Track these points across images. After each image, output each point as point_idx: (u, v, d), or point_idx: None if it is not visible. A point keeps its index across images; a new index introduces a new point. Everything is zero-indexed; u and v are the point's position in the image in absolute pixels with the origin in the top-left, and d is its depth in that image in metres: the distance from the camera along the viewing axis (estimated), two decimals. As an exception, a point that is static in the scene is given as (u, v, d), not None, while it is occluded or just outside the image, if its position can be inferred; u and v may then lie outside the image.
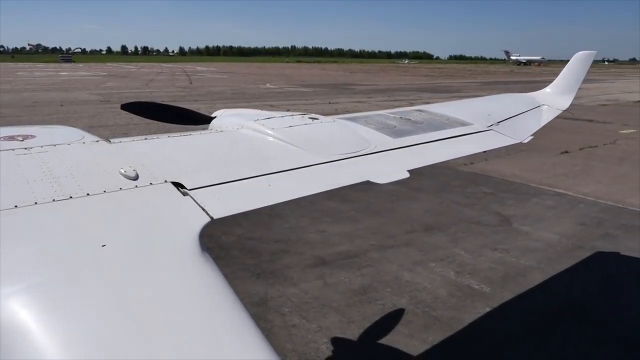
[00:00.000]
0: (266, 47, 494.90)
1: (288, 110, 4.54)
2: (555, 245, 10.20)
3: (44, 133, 3.17)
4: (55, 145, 2.85)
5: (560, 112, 6.19)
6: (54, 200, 2.25)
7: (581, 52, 6.66)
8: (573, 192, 14.18)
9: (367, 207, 12.30)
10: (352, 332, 6.84)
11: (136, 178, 2.56)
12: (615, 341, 6.84)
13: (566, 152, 19.72)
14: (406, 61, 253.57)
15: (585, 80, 6.65)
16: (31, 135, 3.02)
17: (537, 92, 6.68)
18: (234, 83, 61.78)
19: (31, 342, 1.50)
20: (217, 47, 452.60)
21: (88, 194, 2.35)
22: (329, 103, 37.17)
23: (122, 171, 2.58)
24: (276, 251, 9.55)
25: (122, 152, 2.95)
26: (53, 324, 1.56)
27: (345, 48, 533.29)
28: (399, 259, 9.34)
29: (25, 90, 44.31)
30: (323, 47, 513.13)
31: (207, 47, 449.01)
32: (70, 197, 2.30)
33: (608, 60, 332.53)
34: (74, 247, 1.95)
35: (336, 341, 6.63)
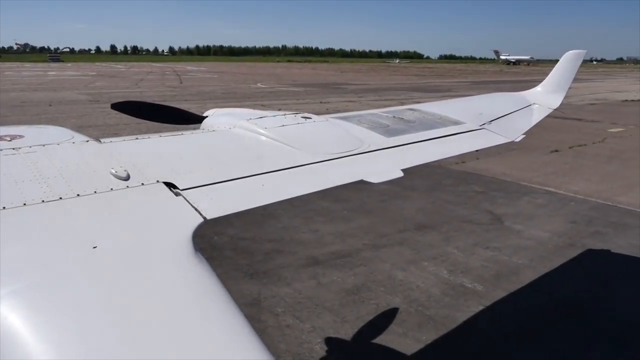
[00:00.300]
0: (257, 46, 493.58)
1: (280, 110, 4.52)
2: (546, 243, 10.25)
3: (32, 133, 3.14)
4: (44, 145, 2.83)
5: (551, 111, 6.21)
6: (43, 201, 2.22)
7: (571, 51, 6.68)
8: (563, 190, 14.26)
9: (359, 206, 12.30)
10: (346, 332, 6.83)
11: (127, 178, 2.54)
12: (607, 338, 6.88)
13: (556, 150, 19.83)
14: (397, 61, 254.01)
15: (573, 80, 6.68)
16: (19, 135, 2.98)
17: (528, 91, 6.70)
18: (224, 83, 61.64)
19: (21, 345, 1.48)
20: (208, 46, 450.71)
21: (78, 195, 2.32)
22: (320, 102, 37.17)
23: (113, 171, 2.56)
24: (269, 251, 9.52)
25: (113, 152, 2.92)
26: (43, 327, 1.54)
27: (336, 47, 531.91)
28: (392, 258, 9.35)
29: (13, 90, 43.95)
30: (314, 47, 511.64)
31: (197, 47, 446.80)
32: (60, 198, 2.27)
33: (596, 60, 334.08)
34: (64, 248, 1.93)
35: (330, 341, 6.62)
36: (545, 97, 6.42)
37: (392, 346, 6.51)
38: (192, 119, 4.61)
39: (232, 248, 9.60)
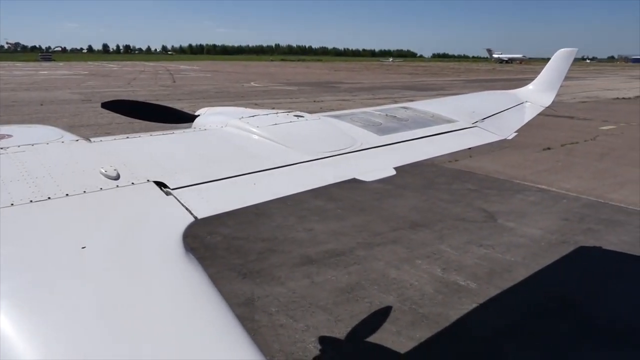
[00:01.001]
0: (250, 45, 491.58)
1: (273, 109, 4.51)
2: (539, 240, 10.29)
3: (21, 132, 3.13)
4: (33, 145, 2.81)
5: (543, 108, 6.24)
6: (31, 201, 2.20)
7: (563, 49, 6.71)
8: (556, 187, 14.32)
9: (353, 205, 12.30)
10: (340, 331, 6.83)
11: (117, 178, 2.52)
12: (599, 334, 6.91)
13: (548, 148, 19.90)
14: (390, 59, 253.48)
15: (565, 78, 6.70)
16: (8, 135, 2.97)
17: (520, 89, 6.73)
18: (217, 82, 61.44)
19: (10, 346, 1.46)
20: (201, 45, 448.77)
21: (67, 195, 2.30)
22: (314, 101, 37.14)
23: (103, 171, 2.54)
24: (263, 250, 9.51)
25: (103, 151, 2.90)
26: (32, 328, 1.53)
27: (330, 46, 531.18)
28: (386, 256, 9.36)
29: (4, 89, 43.48)
30: (307, 46, 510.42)
31: (190, 46, 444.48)
32: (49, 197, 2.25)
33: (589, 58, 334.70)
34: (52, 249, 1.91)
35: (324, 340, 6.62)
36: (537, 95, 6.45)
37: (385, 344, 6.52)
38: (184, 118, 4.61)
39: (226, 247, 9.58)
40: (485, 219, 11.62)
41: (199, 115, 4.41)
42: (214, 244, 9.70)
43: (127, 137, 3.20)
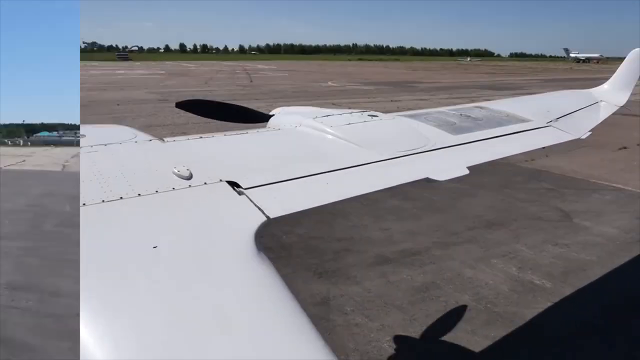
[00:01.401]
0: (327, 45, 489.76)
1: (349, 108, 4.61)
2: (614, 239, 10.06)
3: (94, 132, 3.22)
4: (105, 145, 2.89)
5: (617, 108, 6.13)
6: (103, 201, 2.24)
7: (637, 49, 6.57)
8: (632, 187, 13.92)
9: (429, 204, 12.30)
10: (415, 330, 6.88)
11: (190, 177, 2.56)
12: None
13: (624, 147, 19.33)
14: (468, 59, 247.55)
15: None
16: (81, 135, 3.08)
17: (595, 88, 6.62)
18: (295, 81, 61.90)
19: (85, 347, 1.49)
20: (278, 45, 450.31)
21: (139, 195, 2.34)
22: (391, 101, 36.98)
23: (176, 170, 2.58)
24: (339, 250, 9.61)
25: (176, 151, 2.98)
26: (104, 328, 1.56)
27: (407, 46, 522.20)
28: (461, 255, 9.35)
29: (81, 89, 44.21)
30: (384, 45, 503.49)
31: (267, 45, 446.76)
32: (121, 197, 2.29)
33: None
34: (124, 249, 1.94)
35: (399, 339, 6.66)
36: (611, 94, 6.33)
37: (460, 344, 6.54)
38: (258, 118, 4.60)
39: (301, 247, 9.70)
40: (561, 218, 11.39)
41: (273, 115, 4.42)
42: (289, 243, 9.81)
43: (200, 137, 3.29)
